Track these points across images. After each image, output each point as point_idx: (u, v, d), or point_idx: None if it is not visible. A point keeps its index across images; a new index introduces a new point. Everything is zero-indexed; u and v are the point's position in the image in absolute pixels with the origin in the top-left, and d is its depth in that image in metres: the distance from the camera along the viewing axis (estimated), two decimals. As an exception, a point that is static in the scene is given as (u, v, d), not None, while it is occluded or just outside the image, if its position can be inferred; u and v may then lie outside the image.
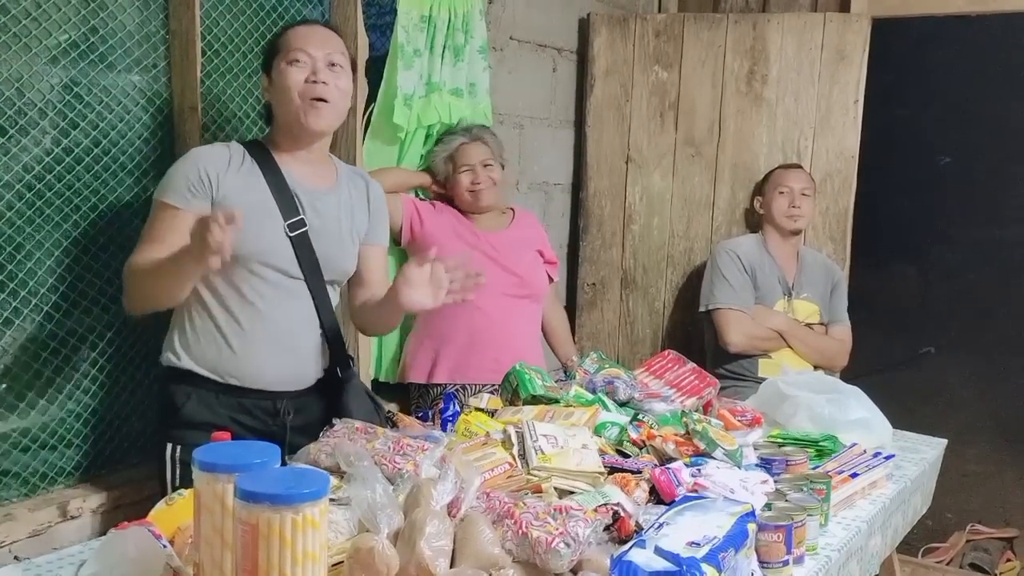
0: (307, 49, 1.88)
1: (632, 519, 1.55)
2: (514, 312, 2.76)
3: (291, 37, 1.92)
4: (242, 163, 1.91)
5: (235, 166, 1.89)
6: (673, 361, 2.46)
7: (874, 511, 1.91)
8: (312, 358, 2.00)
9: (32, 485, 2.06)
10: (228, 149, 1.92)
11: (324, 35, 1.94)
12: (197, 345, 1.90)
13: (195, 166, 1.86)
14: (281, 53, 1.90)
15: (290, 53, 1.89)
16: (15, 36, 1.92)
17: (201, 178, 1.84)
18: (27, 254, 1.99)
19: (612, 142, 3.64)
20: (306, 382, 2.00)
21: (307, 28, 1.94)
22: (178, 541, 1.42)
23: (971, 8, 3.35)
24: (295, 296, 1.93)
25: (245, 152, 1.93)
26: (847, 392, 2.32)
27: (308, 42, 1.90)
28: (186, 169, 1.86)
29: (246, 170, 1.90)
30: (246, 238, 1.78)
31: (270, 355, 1.92)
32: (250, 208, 1.79)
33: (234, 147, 1.94)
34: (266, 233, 1.87)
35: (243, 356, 1.90)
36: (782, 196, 3.22)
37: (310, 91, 1.87)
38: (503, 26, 3.17)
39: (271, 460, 1.23)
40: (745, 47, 3.49)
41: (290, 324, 1.93)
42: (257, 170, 1.91)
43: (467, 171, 2.73)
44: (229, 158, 1.90)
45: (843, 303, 3.27)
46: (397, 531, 1.35)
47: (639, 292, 3.69)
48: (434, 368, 2.70)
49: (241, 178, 1.89)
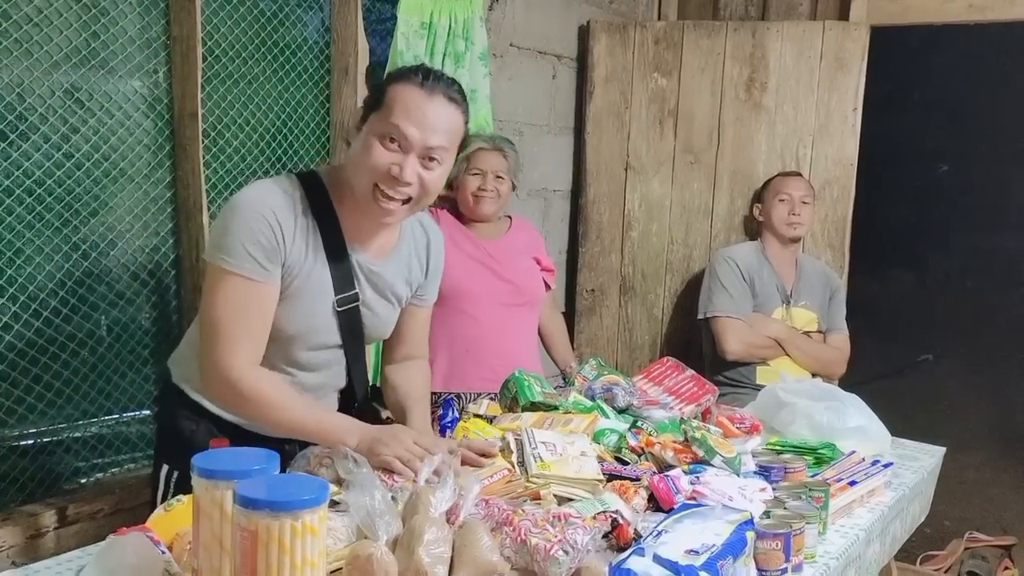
0: (406, 130, 1.58)
1: (631, 526, 1.55)
2: (510, 320, 2.76)
3: (397, 102, 1.58)
4: (301, 220, 1.63)
5: (298, 224, 1.62)
6: (672, 368, 2.46)
7: (872, 519, 1.91)
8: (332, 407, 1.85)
9: (30, 490, 2.06)
10: (291, 197, 1.63)
11: (436, 114, 1.60)
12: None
13: (268, 225, 1.58)
14: (380, 110, 1.60)
15: (389, 119, 1.58)
16: (17, 41, 1.93)
17: (277, 243, 1.59)
18: (27, 258, 1.99)
19: (611, 149, 3.65)
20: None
21: (421, 101, 1.59)
22: (176, 547, 1.42)
23: (970, 17, 3.36)
24: (328, 362, 1.78)
25: (306, 202, 1.64)
26: (845, 400, 2.32)
27: (410, 119, 1.58)
28: (259, 228, 1.57)
29: (305, 230, 1.64)
30: (295, 319, 1.66)
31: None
32: (307, 284, 1.63)
33: (294, 190, 1.64)
34: (317, 313, 1.69)
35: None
36: (782, 204, 3.22)
37: (387, 183, 1.59)
38: (503, 33, 3.18)
39: (270, 467, 1.23)
40: (744, 55, 3.50)
41: (315, 386, 1.79)
42: (318, 233, 1.65)
43: (477, 175, 2.72)
44: (293, 212, 1.62)
45: (841, 311, 3.28)
46: (396, 538, 1.35)
47: (638, 299, 3.69)
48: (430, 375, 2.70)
49: (301, 242, 1.63)
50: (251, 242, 1.57)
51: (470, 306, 2.66)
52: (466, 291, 2.66)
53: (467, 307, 2.64)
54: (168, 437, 1.82)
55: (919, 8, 3.42)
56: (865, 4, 3.48)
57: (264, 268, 1.59)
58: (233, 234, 1.58)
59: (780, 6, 3.72)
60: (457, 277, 2.66)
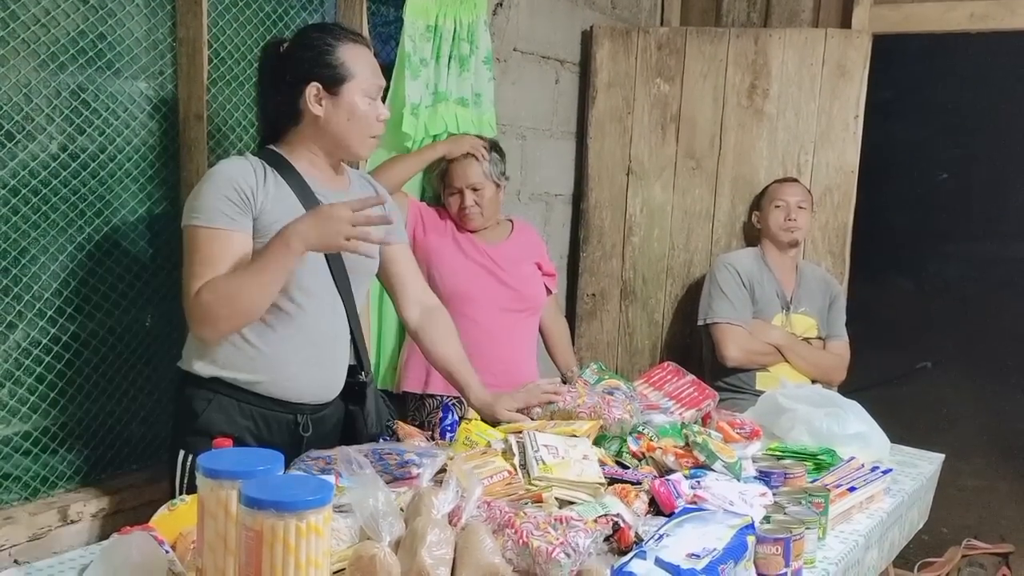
0: (380, 83, 1.95)
1: (632, 530, 1.56)
2: (510, 326, 2.76)
3: (365, 66, 1.92)
4: (266, 176, 1.88)
5: (261, 179, 1.87)
6: (672, 373, 2.47)
7: (871, 525, 1.92)
8: (340, 368, 1.99)
9: (33, 489, 2.07)
10: (249, 162, 1.89)
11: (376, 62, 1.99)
12: (224, 349, 1.85)
13: (230, 184, 1.82)
14: (355, 78, 1.90)
15: (367, 82, 1.91)
16: (23, 42, 1.94)
17: (242, 196, 1.81)
18: (32, 258, 2.00)
19: (613, 154, 3.66)
20: (330, 395, 1.98)
21: (371, 57, 1.95)
22: (180, 547, 1.43)
23: (972, 26, 3.38)
24: (327, 303, 1.93)
25: (264, 164, 1.90)
26: (845, 406, 2.33)
27: (378, 75, 1.95)
28: (222, 189, 1.81)
29: (272, 182, 1.88)
30: None
31: (301, 363, 1.90)
32: (283, 221, 1.78)
33: (253, 160, 1.91)
34: None
35: (274, 361, 1.86)
36: (778, 209, 3.24)
37: (376, 129, 1.96)
38: (507, 37, 3.19)
39: (275, 467, 1.23)
40: (747, 61, 3.51)
41: (322, 332, 1.92)
42: (282, 181, 1.89)
43: (455, 195, 2.71)
44: (254, 171, 1.87)
45: (841, 318, 3.29)
46: (398, 539, 1.35)
47: (639, 303, 3.70)
48: (429, 378, 2.70)
49: (271, 191, 1.87)
50: (219, 198, 1.80)
51: (471, 310, 2.66)
52: (467, 294, 2.67)
53: (468, 311, 2.64)
54: (182, 423, 1.90)
55: (921, 17, 3.44)
56: (867, 12, 3.50)
57: (233, 219, 1.80)
58: (203, 197, 1.82)
59: (782, 13, 3.73)
60: (459, 280, 2.67)
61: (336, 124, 1.92)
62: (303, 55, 1.90)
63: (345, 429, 2.05)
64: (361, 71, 1.91)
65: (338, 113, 1.90)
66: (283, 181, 1.89)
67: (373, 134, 1.95)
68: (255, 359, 1.85)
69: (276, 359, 1.87)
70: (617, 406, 2.05)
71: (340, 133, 1.93)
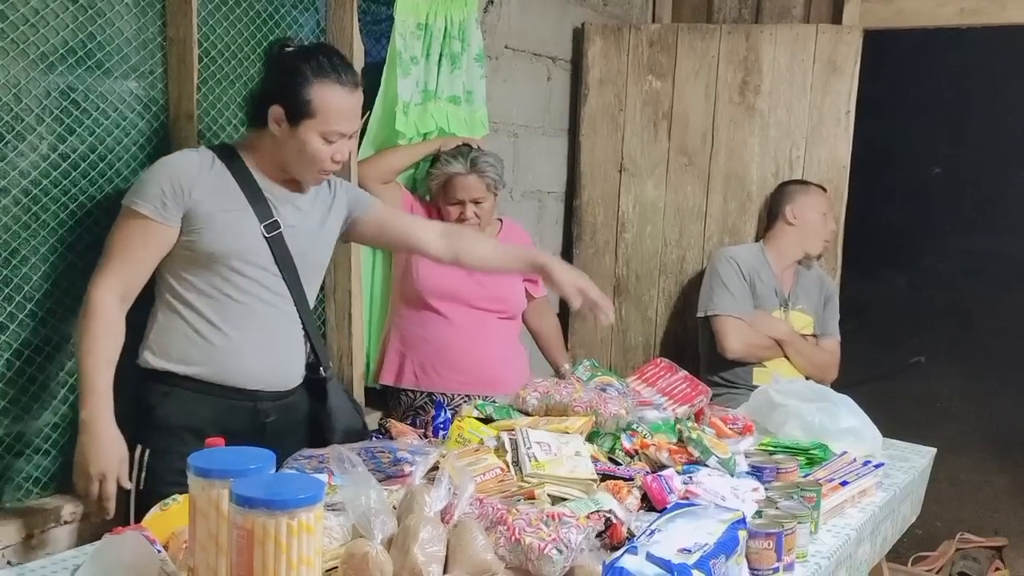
0: (342, 131, 1.93)
1: (624, 526, 1.56)
2: (485, 327, 2.75)
3: (330, 110, 1.90)
4: (212, 167, 1.93)
5: (205, 170, 1.92)
6: (665, 369, 2.48)
7: (864, 519, 1.93)
8: (295, 357, 2.05)
9: (25, 490, 2.06)
10: (198, 155, 1.96)
11: (356, 109, 1.98)
12: (178, 343, 1.93)
13: (168, 177, 1.88)
14: (315, 119, 1.90)
15: (328, 127, 1.90)
16: (13, 42, 1.93)
17: (175, 189, 1.86)
18: (22, 259, 1.99)
19: (606, 151, 3.66)
20: (289, 383, 2.04)
21: (345, 102, 1.93)
22: (172, 546, 1.43)
23: (962, 21, 3.38)
24: (276, 294, 1.99)
25: (215, 156, 1.96)
26: (837, 401, 2.34)
27: (343, 121, 1.93)
28: (161, 181, 1.87)
29: (216, 174, 1.93)
30: (224, 238, 1.90)
31: (254, 351, 1.96)
32: (224, 211, 1.89)
33: (203, 152, 1.97)
34: (244, 233, 1.93)
35: (227, 352, 1.93)
36: (824, 217, 3.21)
37: (327, 167, 1.97)
38: (498, 35, 3.19)
39: (266, 466, 1.24)
40: (738, 58, 3.51)
41: (272, 321, 1.98)
42: (228, 174, 1.94)
43: (456, 205, 2.70)
44: (199, 163, 1.93)
45: (835, 316, 3.29)
46: (391, 537, 1.36)
47: (632, 300, 3.70)
48: (401, 370, 2.71)
49: (212, 182, 1.92)
50: (155, 184, 1.87)
51: (444, 307, 2.68)
52: (439, 289, 2.67)
53: (442, 308, 2.68)
54: (140, 418, 1.94)
55: (912, 12, 3.44)
56: (858, 8, 3.50)
57: (162, 210, 1.86)
58: (143, 182, 1.89)
59: (773, 9, 3.73)
60: (436, 277, 2.66)
61: (287, 150, 1.96)
62: (278, 75, 1.96)
63: (312, 426, 2.11)
64: (325, 114, 1.90)
65: (291, 143, 1.94)
66: (229, 174, 1.94)
67: (323, 170, 1.98)
68: (207, 350, 1.92)
69: (228, 348, 1.93)
70: (613, 402, 2.06)
71: (289, 160, 1.97)
